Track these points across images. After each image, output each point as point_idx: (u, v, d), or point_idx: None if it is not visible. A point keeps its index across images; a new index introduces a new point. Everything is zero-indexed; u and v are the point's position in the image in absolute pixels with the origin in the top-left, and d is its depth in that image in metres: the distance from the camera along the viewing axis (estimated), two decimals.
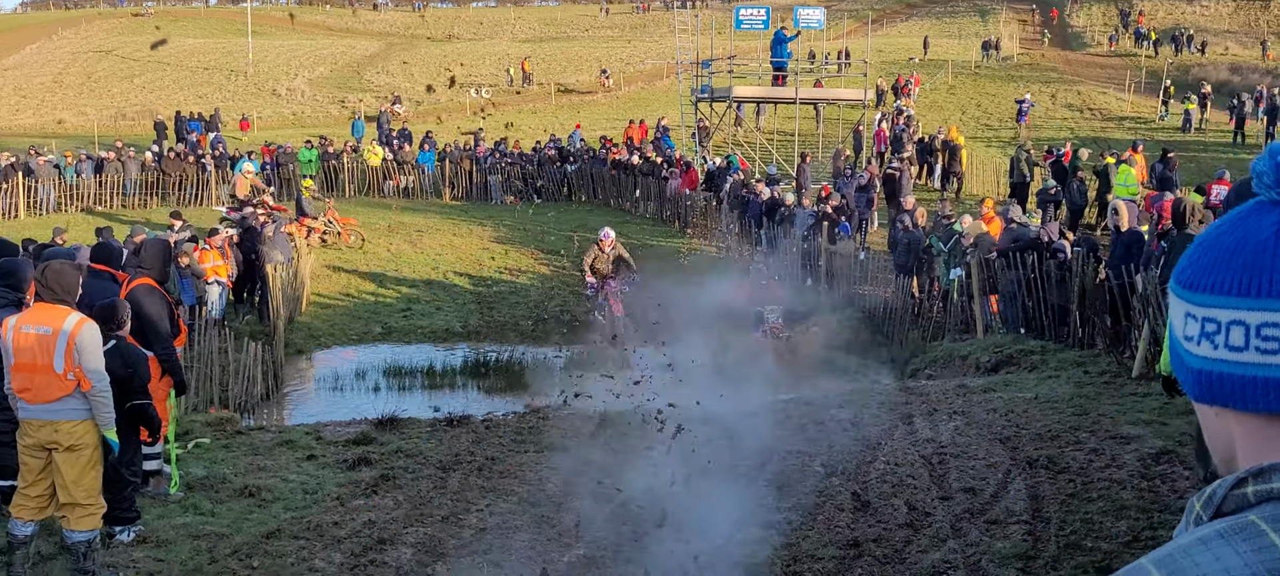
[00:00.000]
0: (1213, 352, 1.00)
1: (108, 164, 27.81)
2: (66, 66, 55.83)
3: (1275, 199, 0.99)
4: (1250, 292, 0.97)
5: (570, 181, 29.72)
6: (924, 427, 9.10)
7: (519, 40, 64.80)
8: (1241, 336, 0.97)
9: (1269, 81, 35.77)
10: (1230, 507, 0.96)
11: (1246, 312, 0.97)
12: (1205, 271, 1.01)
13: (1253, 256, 0.98)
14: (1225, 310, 0.99)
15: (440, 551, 6.74)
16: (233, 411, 11.62)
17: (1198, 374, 1.02)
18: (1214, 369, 1.00)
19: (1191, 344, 1.02)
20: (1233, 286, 0.98)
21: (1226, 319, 0.99)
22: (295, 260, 18.31)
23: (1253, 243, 0.98)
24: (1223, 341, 0.99)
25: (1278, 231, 0.97)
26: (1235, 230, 1.01)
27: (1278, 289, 0.96)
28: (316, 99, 49.70)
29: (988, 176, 26.48)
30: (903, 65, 44.50)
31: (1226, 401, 1.00)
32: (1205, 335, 1.01)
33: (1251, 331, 0.97)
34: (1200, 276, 1.02)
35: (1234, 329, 0.98)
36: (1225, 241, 1.01)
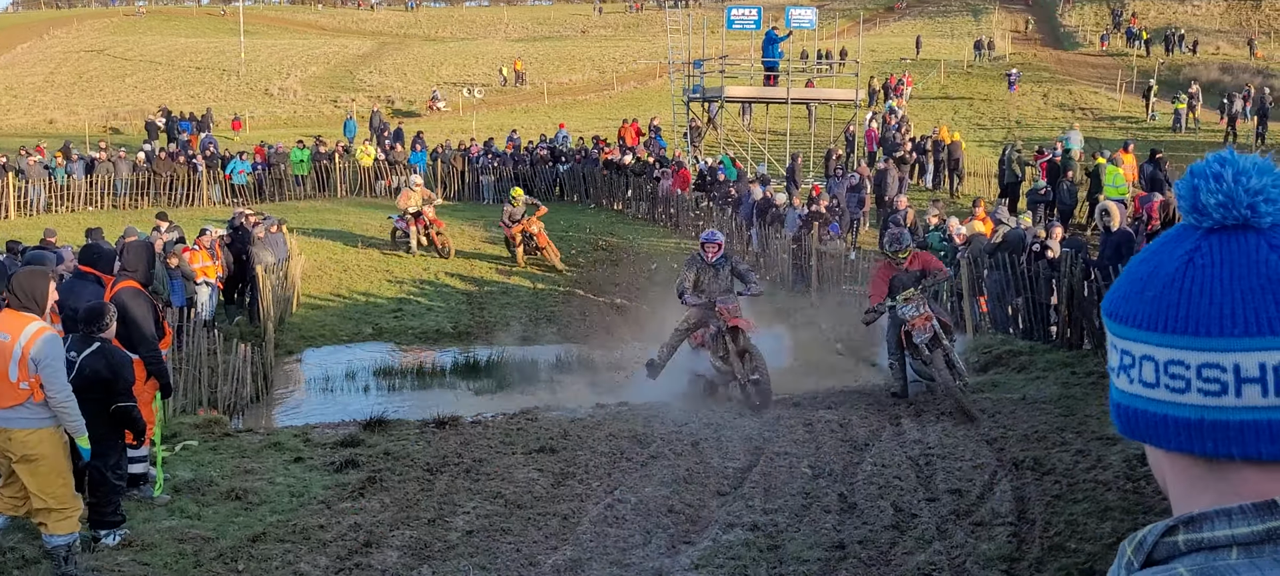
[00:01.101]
0: (1129, 386, 0.96)
1: (99, 164, 27.73)
2: (58, 66, 55.68)
3: (1192, 224, 0.96)
4: (1158, 327, 0.93)
5: (562, 181, 29.70)
6: (912, 429, 9.12)
7: (511, 40, 64.76)
8: (1152, 372, 0.93)
9: (1260, 81, 35.85)
10: (1161, 555, 0.92)
11: (1155, 348, 0.93)
12: (1122, 300, 0.97)
13: (1160, 290, 0.93)
14: (1138, 344, 0.95)
15: (426, 554, 6.74)
16: (222, 413, 11.60)
17: (1116, 407, 0.99)
18: (1130, 404, 0.96)
19: (1114, 375, 0.99)
20: (1143, 320, 0.94)
21: (1139, 353, 0.95)
22: (287, 261, 18.28)
23: (1162, 274, 0.94)
24: (1137, 376, 0.95)
25: (1187, 262, 0.93)
26: (1150, 259, 0.97)
27: (1181, 325, 0.91)
28: (309, 99, 49.61)
29: (980, 176, 26.52)
30: (895, 65, 44.55)
31: (1144, 438, 0.97)
32: (1123, 368, 0.97)
33: (1160, 368, 0.93)
34: (1118, 305, 0.98)
35: (1146, 364, 0.94)
36: (1139, 270, 0.97)
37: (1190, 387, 0.91)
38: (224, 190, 28.39)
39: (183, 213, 25.24)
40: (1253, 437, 0.89)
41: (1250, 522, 0.87)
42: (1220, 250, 0.92)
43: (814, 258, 18.37)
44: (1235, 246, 0.92)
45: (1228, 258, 0.91)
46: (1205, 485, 0.93)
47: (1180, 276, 0.93)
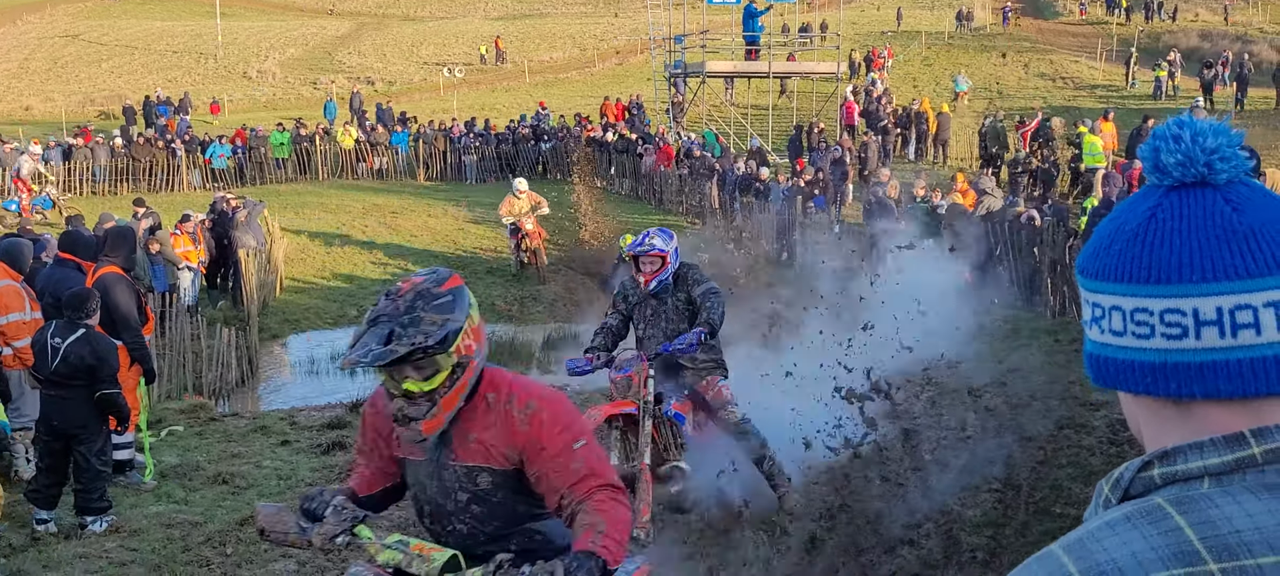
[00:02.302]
0: (1099, 337, 1.04)
1: (77, 150, 27.50)
2: (32, 52, 55.07)
3: (1154, 183, 1.03)
4: (1124, 278, 1.00)
5: (545, 159, 29.63)
6: (898, 397, 9.15)
7: (491, 18, 64.37)
8: (1120, 321, 1.00)
9: (1239, 47, 35.99)
10: (1137, 490, 0.99)
11: (1122, 298, 1.00)
12: (1092, 256, 1.04)
13: (1125, 243, 1.01)
14: (1106, 295, 1.02)
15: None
16: (207, 398, 11.57)
17: (1089, 357, 1.06)
18: (1101, 353, 1.04)
19: (1086, 328, 1.06)
20: (1110, 272, 1.01)
21: (1108, 304, 1.02)
22: (268, 245, 18.19)
23: (1127, 229, 1.01)
24: (1107, 326, 1.02)
25: (1150, 217, 1.00)
26: (1117, 216, 1.04)
27: (1144, 275, 0.98)
28: (288, 81, 49.24)
29: (962, 147, 26.59)
30: (876, 37, 44.50)
31: (1115, 384, 1.03)
32: (1094, 320, 1.04)
33: (1127, 316, 1.00)
34: (1088, 261, 1.05)
35: (1114, 314, 1.01)
36: (1106, 228, 1.04)
37: (1154, 333, 0.98)
38: (204, 174, 28.21)
39: (162, 198, 25.08)
40: (1212, 377, 0.96)
41: (1221, 453, 0.95)
42: (1180, 205, 0.99)
43: (797, 232, 18.39)
44: (1193, 201, 0.99)
45: (1187, 212, 0.99)
46: (1174, 425, 1.00)
47: (1143, 230, 1.00)
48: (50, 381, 6.66)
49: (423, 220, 23.55)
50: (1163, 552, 0.91)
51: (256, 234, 17.83)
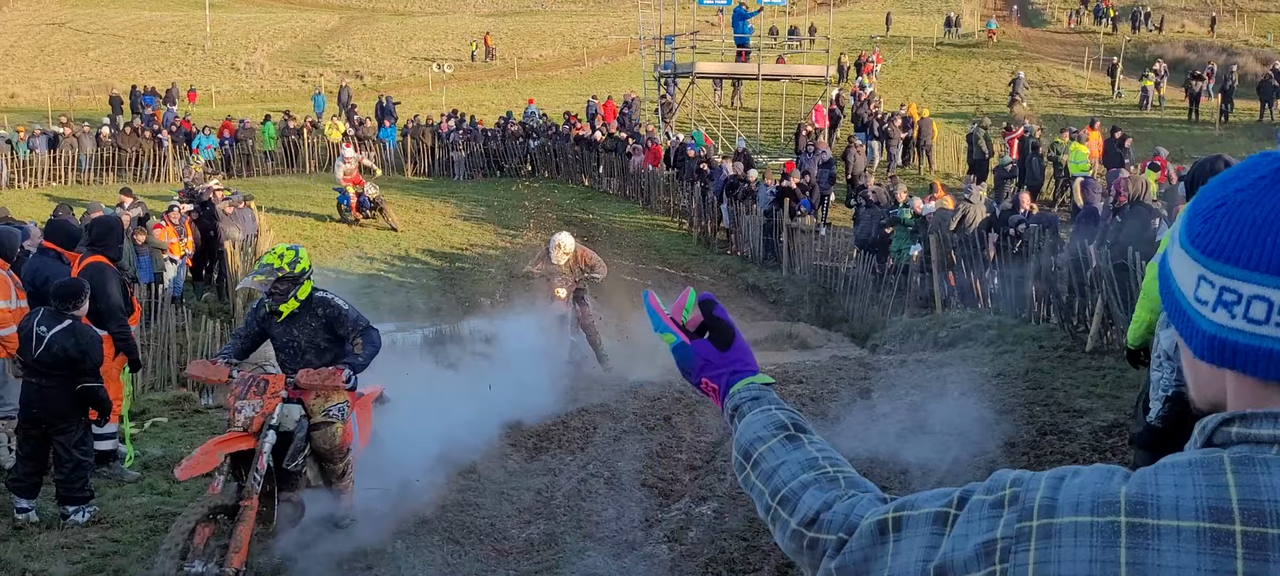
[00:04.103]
0: (1229, 321, 1.03)
1: (63, 139, 27.33)
2: (18, 40, 54.70)
3: None
4: (1277, 272, 0.99)
5: (533, 157, 29.61)
6: (882, 403, 9.20)
7: (481, 15, 64.25)
8: (1263, 311, 1.00)
9: (1224, 59, 36.23)
10: (1219, 441, 1.04)
11: (1272, 290, 1.00)
12: (1228, 241, 1.03)
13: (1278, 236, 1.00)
14: (1249, 284, 1.01)
15: (399, 528, 6.74)
16: (190, 390, 11.52)
17: (1212, 338, 1.05)
18: (1229, 337, 1.03)
19: (1205, 308, 1.05)
20: (1259, 262, 1.00)
21: (1249, 292, 1.01)
22: (255, 237, 18.12)
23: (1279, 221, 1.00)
24: (1242, 312, 1.02)
25: None
26: (1260, 202, 1.02)
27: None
28: (276, 73, 49.06)
29: (948, 153, 26.69)
30: (864, 41, 44.61)
31: (1235, 365, 1.03)
32: (1223, 303, 1.03)
33: (1274, 308, 1.00)
34: (1224, 245, 1.03)
35: (1256, 303, 1.01)
36: (1252, 214, 1.02)
37: None
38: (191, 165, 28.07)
39: (148, 188, 24.96)
40: None
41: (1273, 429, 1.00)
42: None
43: (784, 233, 18.44)
44: None
45: None
46: (1266, 399, 1.03)
47: None
48: (32, 368, 6.63)
49: (410, 215, 23.50)
50: (1200, 503, 0.98)
51: (245, 225, 17.77)
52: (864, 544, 1.20)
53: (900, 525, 1.17)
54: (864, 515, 1.23)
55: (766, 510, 1.37)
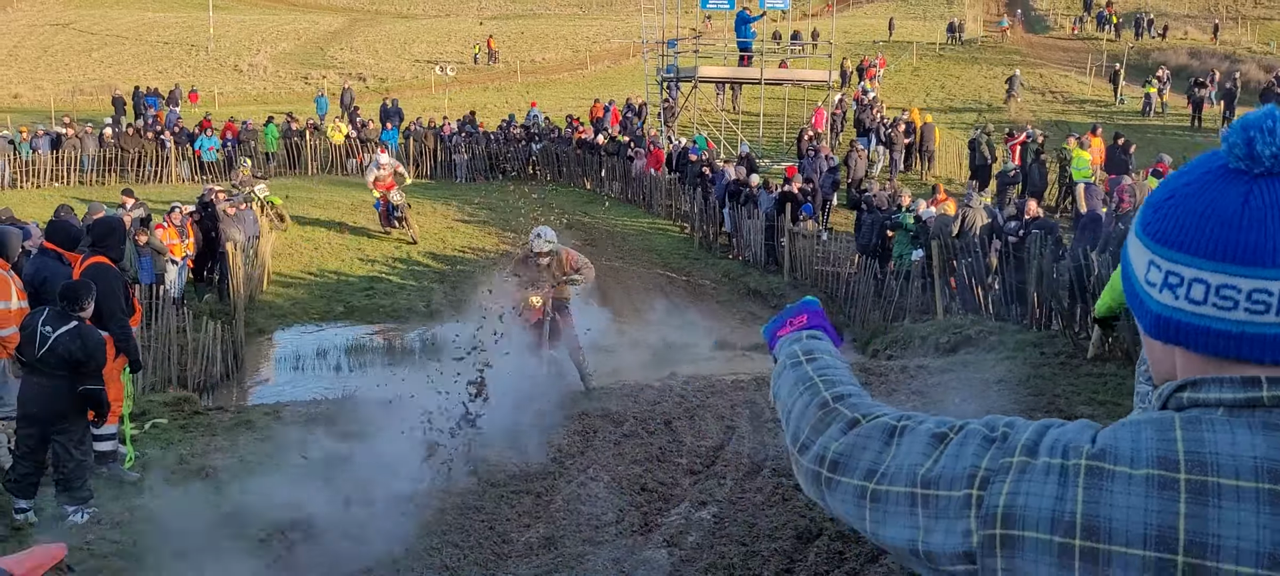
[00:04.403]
0: (1173, 301, 1.16)
1: (66, 140, 27.36)
2: (22, 40, 54.78)
3: (1242, 168, 1.13)
4: (1215, 257, 1.12)
5: (536, 160, 29.62)
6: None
7: (485, 18, 64.32)
8: (1202, 292, 1.13)
9: (1227, 66, 36.22)
10: (1172, 405, 1.19)
11: (1209, 273, 1.12)
12: (1174, 229, 1.16)
13: (1217, 226, 1.12)
14: (1190, 268, 1.14)
15: (400, 531, 6.74)
16: (191, 391, 11.53)
17: (1158, 317, 1.18)
18: (1173, 316, 1.16)
19: (1153, 289, 1.18)
20: (1199, 248, 1.13)
21: (1190, 275, 1.14)
22: (257, 239, 18.13)
23: (1219, 212, 1.12)
24: (1184, 293, 1.15)
25: (1244, 203, 1.11)
26: (1204, 193, 1.15)
27: (1240, 256, 1.10)
28: (279, 75, 49.12)
29: (950, 159, 26.68)
30: (867, 47, 44.63)
31: (1180, 342, 1.17)
32: (1168, 286, 1.16)
33: (1211, 289, 1.12)
34: (1168, 232, 1.16)
35: (1196, 285, 1.13)
36: (1194, 204, 1.15)
37: (1237, 307, 1.11)
38: (192, 167, 28.10)
39: (150, 189, 24.98)
40: (1275, 348, 1.12)
41: (1236, 391, 1.13)
42: (1271, 194, 1.11)
43: (785, 238, 18.43)
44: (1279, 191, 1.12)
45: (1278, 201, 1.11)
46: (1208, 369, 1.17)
47: (1238, 216, 1.11)
48: (34, 368, 6.62)
49: (411, 217, 23.48)
50: (1152, 454, 1.13)
51: (246, 227, 17.77)
52: (872, 433, 1.37)
53: (904, 432, 1.34)
54: (882, 414, 1.40)
55: (807, 384, 1.52)
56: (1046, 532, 1.15)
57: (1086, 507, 1.14)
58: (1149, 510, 1.10)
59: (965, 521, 1.22)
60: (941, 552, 1.24)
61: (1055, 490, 1.16)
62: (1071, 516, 1.14)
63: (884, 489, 1.31)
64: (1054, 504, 1.15)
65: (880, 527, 1.32)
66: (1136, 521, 1.11)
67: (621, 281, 18.63)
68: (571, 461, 8.05)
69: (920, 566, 1.29)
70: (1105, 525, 1.12)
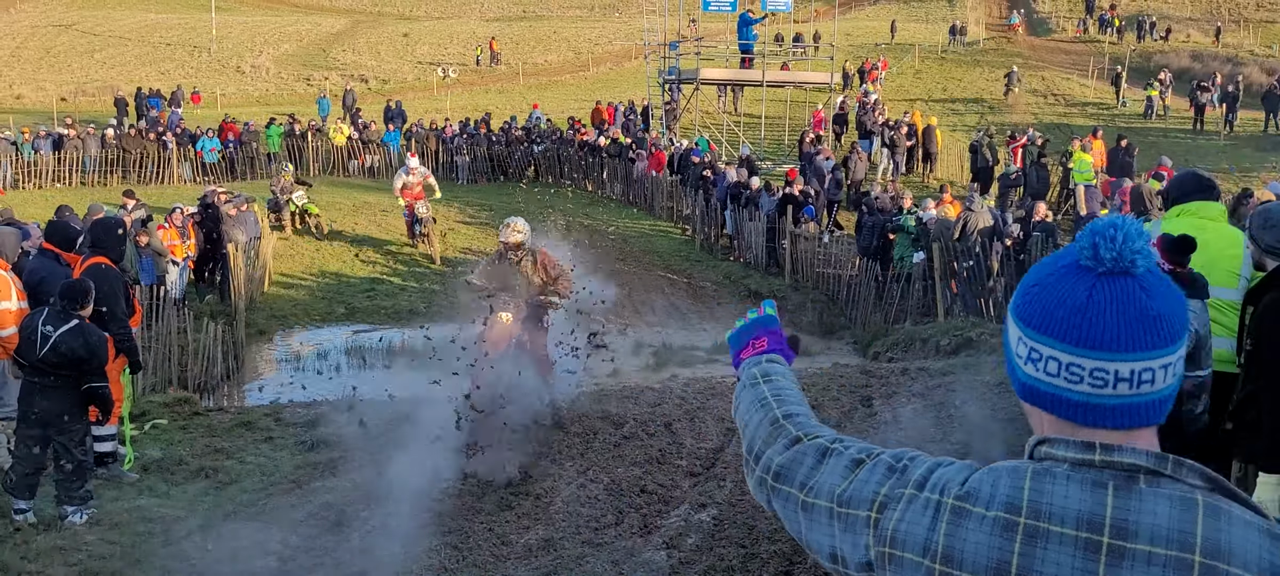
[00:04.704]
0: (1035, 373, 1.39)
1: (67, 141, 27.39)
2: (25, 41, 54.84)
3: (1090, 266, 1.36)
4: (1066, 340, 1.35)
5: (537, 162, 29.62)
6: (883, 410, 9.18)
7: (487, 19, 64.35)
8: (1055, 367, 1.36)
9: (1229, 68, 36.19)
10: (1034, 455, 1.42)
11: (1060, 353, 1.35)
12: (1036, 313, 1.39)
13: (1068, 314, 1.35)
14: (1046, 347, 1.37)
15: (399, 532, 6.73)
16: (192, 392, 11.53)
17: (1023, 385, 1.42)
18: (1034, 384, 1.40)
19: (1020, 361, 1.41)
20: (1052, 331, 1.36)
21: (1046, 353, 1.37)
22: (258, 240, 18.13)
23: (1069, 302, 1.35)
24: (1042, 367, 1.37)
25: (1089, 296, 1.34)
26: (1059, 285, 1.38)
27: (1084, 341, 1.33)
28: (281, 76, 49.14)
29: (952, 161, 26.66)
30: (869, 49, 44.62)
31: (1039, 405, 1.41)
32: (1031, 359, 1.39)
33: (1062, 366, 1.35)
34: (1032, 316, 1.39)
35: (1051, 361, 1.36)
36: (1052, 294, 1.38)
37: (1083, 381, 1.34)
38: (194, 168, 28.12)
39: (152, 190, 24.99)
40: (1114, 415, 1.35)
41: (1076, 452, 1.36)
42: (1110, 290, 1.34)
43: (787, 240, 18.42)
44: (1120, 288, 1.34)
45: (1115, 297, 1.33)
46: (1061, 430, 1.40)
47: (1084, 307, 1.34)
48: (35, 368, 6.62)
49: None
50: (1003, 499, 1.37)
51: (249, 228, 17.77)
52: (808, 452, 1.62)
53: (832, 454, 1.60)
54: (819, 436, 1.65)
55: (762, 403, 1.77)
56: (919, 556, 1.41)
57: (947, 540, 1.39)
58: (991, 547, 1.35)
59: (866, 537, 1.48)
60: (850, 560, 1.50)
61: (929, 521, 1.41)
62: (936, 545, 1.39)
63: (812, 501, 1.57)
64: (927, 533, 1.41)
65: (808, 533, 1.58)
66: (982, 555, 1.36)
67: (623, 283, 18.62)
68: (571, 463, 8.04)
69: (836, 569, 1.55)
70: (959, 555, 1.37)
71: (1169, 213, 5.14)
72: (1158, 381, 1.34)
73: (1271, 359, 4.03)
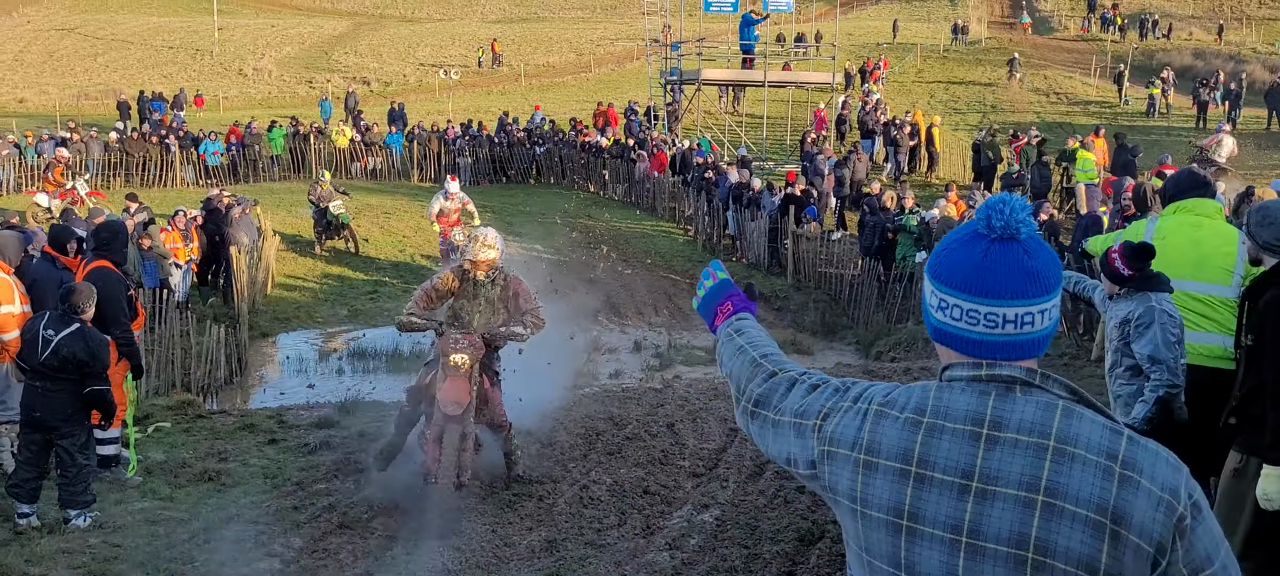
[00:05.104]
0: (943, 318, 1.78)
1: (71, 144, 27.41)
2: (28, 45, 54.93)
3: (983, 232, 1.74)
4: (966, 291, 1.73)
5: (539, 163, 29.64)
6: None
7: (488, 21, 64.38)
8: (958, 314, 1.74)
9: (1232, 66, 36.15)
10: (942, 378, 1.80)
11: (961, 301, 1.74)
12: (944, 271, 1.77)
13: (967, 271, 1.73)
14: (950, 297, 1.75)
15: (401, 535, 6.74)
16: (195, 395, 11.53)
17: (935, 328, 1.81)
18: (943, 326, 1.78)
19: (933, 309, 1.80)
20: (956, 284, 1.74)
21: (951, 302, 1.75)
22: (260, 242, 18.14)
23: (969, 262, 1.74)
24: (948, 314, 1.76)
25: (984, 256, 1.72)
26: (961, 249, 1.76)
27: (978, 290, 1.71)
28: (284, 79, 49.18)
29: (955, 160, 26.65)
30: (871, 48, 44.60)
31: (945, 344, 1.79)
32: (940, 308, 1.78)
33: (964, 311, 1.74)
34: (941, 272, 1.77)
35: (954, 308, 1.75)
36: (955, 256, 1.76)
37: (979, 323, 1.73)
38: (197, 171, 28.14)
39: (155, 193, 25.02)
40: (1002, 350, 1.73)
41: (970, 371, 1.76)
42: (1000, 252, 1.72)
43: (789, 240, 18.42)
44: (1007, 250, 1.71)
45: (1004, 257, 1.71)
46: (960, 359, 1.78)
47: (980, 265, 1.72)
48: (37, 372, 6.64)
49: (415, 221, 23.50)
50: (916, 402, 1.78)
51: (250, 231, 17.78)
52: (780, 383, 2.02)
53: (797, 384, 1.99)
54: (789, 370, 2.05)
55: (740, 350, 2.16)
56: (849, 450, 1.81)
57: (870, 435, 1.79)
58: (902, 438, 1.75)
59: (812, 440, 1.88)
60: (800, 460, 1.90)
61: (858, 423, 1.81)
62: (862, 440, 1.79)
63: (778, 418, 1.97)
64: (856, 432, 1.81)
65: (774, 444, 1.97)
66: (895, 445, 1.76)
67: (625, 284, 18.63)
68: (574, 465, 8.05)
69: (790, 470, 1.95)
70: (877, 446, 1.77)
71: (1166, 209, 5.19)
72: (1037, 323, 1.72)
73: (1274, 355, 4.05)
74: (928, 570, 1.71)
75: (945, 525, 1.69)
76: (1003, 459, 1.67)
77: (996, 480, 1.67)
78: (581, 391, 10.49)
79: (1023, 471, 1.65)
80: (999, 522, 1.65)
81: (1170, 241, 4.99)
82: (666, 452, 8.25)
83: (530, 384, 8.46)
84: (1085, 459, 1.64)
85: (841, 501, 1.82)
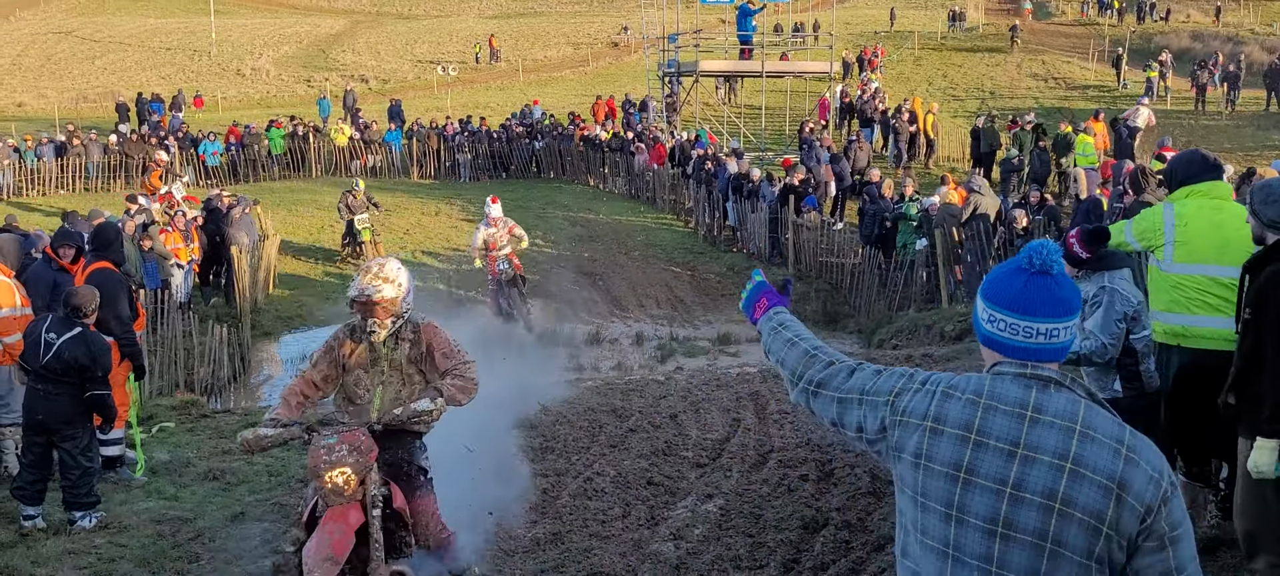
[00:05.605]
0: (991, 329, 2.29)
1: (70, 147, 27.44)
2: (26, 48, 54.90)
3: (1025, 267, 2.25)
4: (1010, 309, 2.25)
5: (538, 158, 29.63)
6: None
7: (486, 17, 64.30)
8: (1003, 326, 2.26)
9: (1230, 47, 36.07)
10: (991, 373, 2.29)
11: (1006, 316, 2.25)
12: (994, 293, 2.29)
13: (1012, 294, 2.25)
14: (998, 313, 2.27)
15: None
16: (198, 395, 11.56)
17: (985, 336, 2.32)
18: (991, 335, 2.30)
19: (984, 322, 2.31)
20: (1003, 304, 2.26)
21: (998, 316, 2.27)
22: (261, 242, 18.16)
23: (1013, 288, 2.26)
24: (996, 326, 2.28)
25: (1024, 286, 2.24)
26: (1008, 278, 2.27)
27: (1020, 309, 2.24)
28: (282, 78, 49.15)
29: (954, 147, 26.63)
30: (868, 37, 44.53)
31: (994, 348, 2.30)
32: (990, 321, 2.29)
33: (1007, 324, 2.25)
34: (992, 294, 2.29)
35: (1000, 321, 2.27)
36: (1003, 283, 2.28)
37: (1019, 334, 2.24)
38: (197, 171, 28.16)
39: None
40: (1035, 354, 2.24)
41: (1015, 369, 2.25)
42: (1037, 282, 2.24)
43: (789, 230, 18.41)
44: (1041, 282, 2.23)
45: (1039, 286, 2.23)
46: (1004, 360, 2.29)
47: (1022, 291, 2.25)
48: (39, 375, 6.65)
49: (416, 218, 23.53)
50: (974, 387, 2.27)
51: (250, 231, 17.79)
52: (840, 370, 2.52)
53: (856, 371, 2.49)
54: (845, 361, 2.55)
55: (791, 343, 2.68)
56: (920, 420, 2.29)
57: (938, 409, 2.27)
58: (965, 414, 2.24)
59: (884, 412, 2.36)
60: (869, 427, 2.39)
61: (927, 400, 2.30)
62: (931, 413, 2.27)
63: (845, 396, 2.46)
64: (926, 407, 2.29)
65: (841, 415, 2.46)
66: (959, 417, 2.24)
67: (626, 277, 18.64)
68: (577, 457, 8.06)
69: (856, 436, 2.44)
70: (945, 418, 2.26)
71: (1178, 193, 5.07)
72: (1061, 336, 2.24)
73: (1274, 328, 4.07)
74: (978, 510, 2.19)
75: (995, 478, 2.18)
76: (1042, 435, 2.17)
77: (1037, 449, 2.16)
78: (584, 384, 10.51)
79: (1057, 445, 2.16)
80: (1037, 480, 2.15)
81: (1192, 227, 4.94)
82: (670, 443, 8.27)
83: None
84: (1102, 441, 2.15)
85: (906, 457, 2.30)
